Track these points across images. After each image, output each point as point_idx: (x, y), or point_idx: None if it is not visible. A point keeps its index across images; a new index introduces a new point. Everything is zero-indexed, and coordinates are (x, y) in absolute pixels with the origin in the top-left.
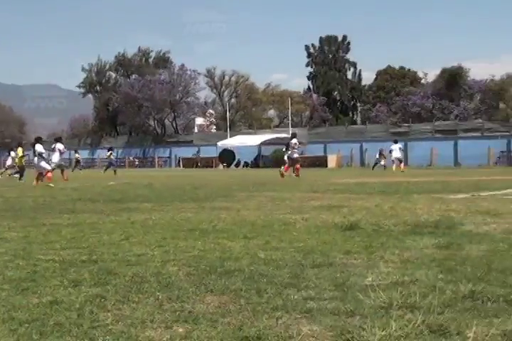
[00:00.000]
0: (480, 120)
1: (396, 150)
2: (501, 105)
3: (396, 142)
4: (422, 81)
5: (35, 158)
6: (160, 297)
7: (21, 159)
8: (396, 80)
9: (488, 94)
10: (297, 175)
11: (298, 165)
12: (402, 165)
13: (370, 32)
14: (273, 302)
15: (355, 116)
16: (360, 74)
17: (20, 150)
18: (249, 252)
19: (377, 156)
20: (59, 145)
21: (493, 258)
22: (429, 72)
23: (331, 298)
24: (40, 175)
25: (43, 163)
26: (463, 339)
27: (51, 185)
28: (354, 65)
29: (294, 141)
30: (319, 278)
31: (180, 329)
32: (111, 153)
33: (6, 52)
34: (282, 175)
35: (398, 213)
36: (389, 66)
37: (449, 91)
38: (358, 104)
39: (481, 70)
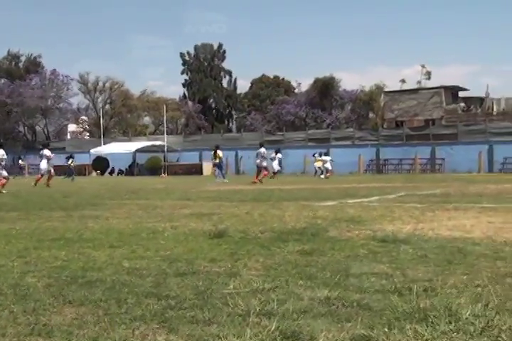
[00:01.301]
0: (351, 129)
1: (327, 162)
2: (371, 115)
3: (327, 154)
4: (296, 90)
5: None
6: (15, 310)
7: None
8: (270, 89)
9: (358, 104)
10: (260, 181)
11: (265, 172)
12: (328, 174)
13: (245, 40)
14: (132, 312)
15: (230, 124)
16: (235, 83)
17: None
18: (114, 262)
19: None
20: (46, 152)
21: (352, 264)
22: (303, 82)
23: (191, 306)
24: None
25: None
26: None
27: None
28: (229, 73)
29: (263, 149)
30: (181, 287)
31: None
32: (72, 161)
33: None
34: (259, 181)
35: (267, 220)
36: (264, 75)
37: (321, 100)
38: (234, 112)
39: (352, 81)
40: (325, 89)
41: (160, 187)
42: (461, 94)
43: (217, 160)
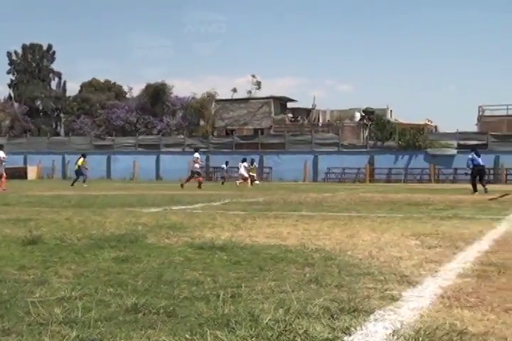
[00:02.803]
0: (182, 136)
1: (241, 168)
2: (202, 122)
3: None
4: (127, 95)
5: None
6: None
7: None
8: (101, 93)
9: (190, 111)
10: (182, 185)
11: (200, 178)
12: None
13: (77, 42)
14: None
15: (58, 127)
16: (64, 85)
17: None
18: None
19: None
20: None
21: (166, 271)
22: (134, 87)
23: None
24: None
25: None
26: None
27: None
28: (59, 75)
29: (196, 155)
30: None
31: None
32: None
33: None
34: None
35: (87, 227)
36: (94, 78)
37: (153, 106)
38: (62, 115)
39: (185, 88)
40: (156, 95)
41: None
42: (289, 105)
43: (77, 167)
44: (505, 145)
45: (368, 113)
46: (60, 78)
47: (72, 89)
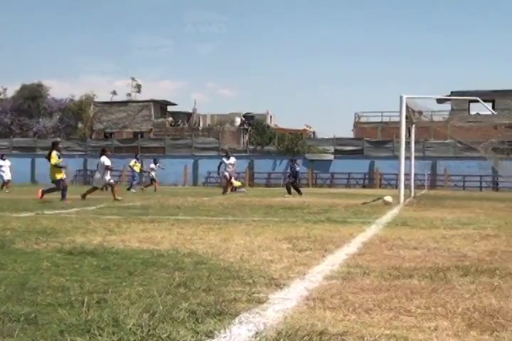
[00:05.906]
0: (59, 138)
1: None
2: (80, 125)
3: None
4: (1, 96)
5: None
6: None
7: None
8: None
9: (67, 114)
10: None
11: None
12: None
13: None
14: None
15: None
16: None
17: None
18: None
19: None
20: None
21: (31, 277)
22: (9, 88)
23: None
24: None
25: None
26: None
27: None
28: None
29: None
30: None
31: None
32: None
33: None
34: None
35: None
36: None
37: (28, 108)
38: None
39: (63, 89)
40: (32, 96)
41: None
42: (169, 108)
43: None
44: (380, 151)
45: (248, 118)
46: None
47: None
